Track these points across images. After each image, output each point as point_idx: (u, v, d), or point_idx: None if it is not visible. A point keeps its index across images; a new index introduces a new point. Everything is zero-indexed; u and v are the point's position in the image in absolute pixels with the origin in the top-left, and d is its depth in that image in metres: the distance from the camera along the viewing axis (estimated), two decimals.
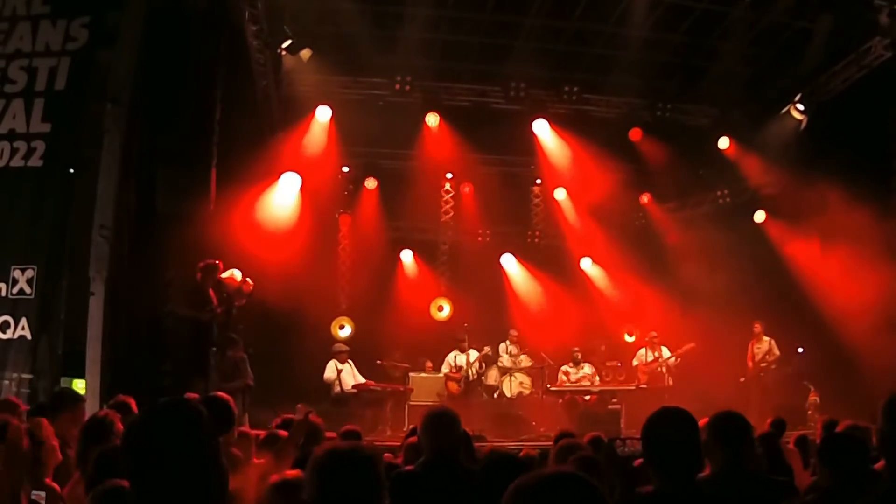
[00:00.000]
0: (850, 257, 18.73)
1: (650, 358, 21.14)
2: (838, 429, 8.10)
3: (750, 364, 20.44)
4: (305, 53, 19.07)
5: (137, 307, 14.14)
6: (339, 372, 19.35)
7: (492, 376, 21.32)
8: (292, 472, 5.06)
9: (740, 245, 21.72)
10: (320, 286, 21.54)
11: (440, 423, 6.27)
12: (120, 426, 6.69)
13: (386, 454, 8.71)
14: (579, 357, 21.08)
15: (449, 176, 24.14)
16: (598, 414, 19.06)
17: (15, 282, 12.74)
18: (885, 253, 17.88)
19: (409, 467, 6.64)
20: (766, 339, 20.52)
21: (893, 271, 17.78)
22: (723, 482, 5.33)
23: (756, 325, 20.59)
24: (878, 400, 5.13)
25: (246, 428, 11.11)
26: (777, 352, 20.35)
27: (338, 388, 19.26)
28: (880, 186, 17.98)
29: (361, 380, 19.40)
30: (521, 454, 8.32)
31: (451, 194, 24.69)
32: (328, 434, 8.89)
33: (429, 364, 21.29)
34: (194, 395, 9.08)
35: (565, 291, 23.85)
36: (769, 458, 8.22)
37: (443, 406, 6.85)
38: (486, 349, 21.01)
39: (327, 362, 19.63)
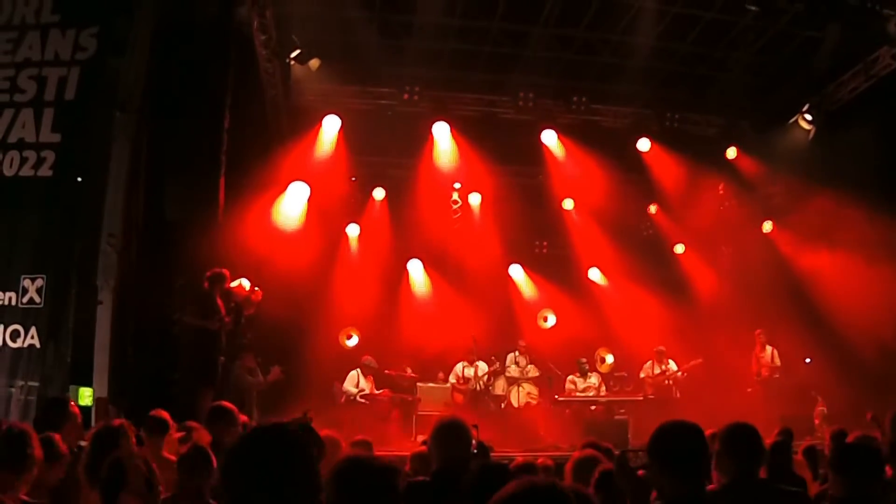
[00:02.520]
0: (858, 267, 18.73)
1: (657, 371, 21.09)
2: (849, 439, 8.09)
3: (765, 373, 20.40)
4: (314, 63, 19.09)
5: (145, 316, 14.18)
6: (358, 384, 19.34)
7: (499, 386, 21.28)
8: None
9: (748, 255, 21.70)
10: (328, 295, 21.53)
11: (451, 434, 6.26)
12: (132, 434, 6.70)
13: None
14: (586, 367, 21.09)
15: (457, 186, 24.04)
16: (605, 424, 19.04)
17: (25, 291, 12.78)
18: (893, 263, 17.89)
19: (420, 478, 6.63)
20: (768, 348, 20.50)
21: None
22: (735, 493, 5.32)
23: (758, 334, 20.57)
24: (887, 411, 5.15)
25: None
26: (779, 362, 20.34)
27: (344, 397, 19.26)
28: (889, 196, 17.94)
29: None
30: (539, 462, 8.30)
31: (459, 204, 24.61)
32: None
33: (440, 375, 21.24)
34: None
35: (573, 302, 23.80)
36: (781, 468, 8.21)
37: (454, 416, 6.81)
38: (496, 365, 20.97)
39: (349, 372, 19.68)
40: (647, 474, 5.06)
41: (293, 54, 18.80)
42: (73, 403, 8.11)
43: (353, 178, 23.18)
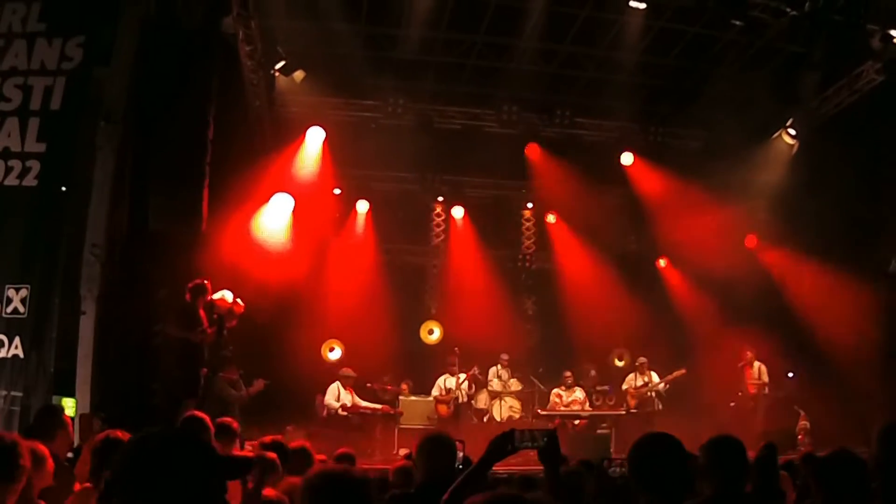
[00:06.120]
0: (840, 280, 18.81)
1: (639, 383, 21.10)
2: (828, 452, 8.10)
3: (752, 390, 20.42)
4: (298, 74, 19.13)
5: (128, 326, 14.13)
6: (339, 397, 19.27)
7: (482, 400, 21.29)
8: None
9: (731, 269, 21.74)
10: (311, 307, 21.51)
11: (436, 448, 6.26)
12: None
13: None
14: (570, 381, 21.09)
15: (440, 199, 24.10)
16: (587, 438, 19.08)
17: (9, 301, 12.71)
18: (874, 276, 18.00)
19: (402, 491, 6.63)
20: (756, 364, 20.54)
21: (882, 298, 17.88)
22: None
23: (748, 352, 20.60)
24: (872, 425, 5.15)
25: (236, 448, 11.08)
26: (766, 378, 20.39)
27: (326, 411, 19.22)
28: (872, 210, 18.02)
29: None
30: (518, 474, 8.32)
31: (442, 217, 24.66)
32: (319, 456, 8.89)
33: (403, 386, 21.16)
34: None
35: (555, 315, 23.82)
36: (766, 484, 8.21)
37: (439, 430, 6.84)
38: (475, 369, 20.94)
39: (329, 385, 19.54)
40: (628, 486, 5.07)
41: (278, 66, 18.85)
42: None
43: (337, 191, 23.19)
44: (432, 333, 23.58)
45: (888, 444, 5.13)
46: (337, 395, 19.22)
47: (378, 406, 19.61)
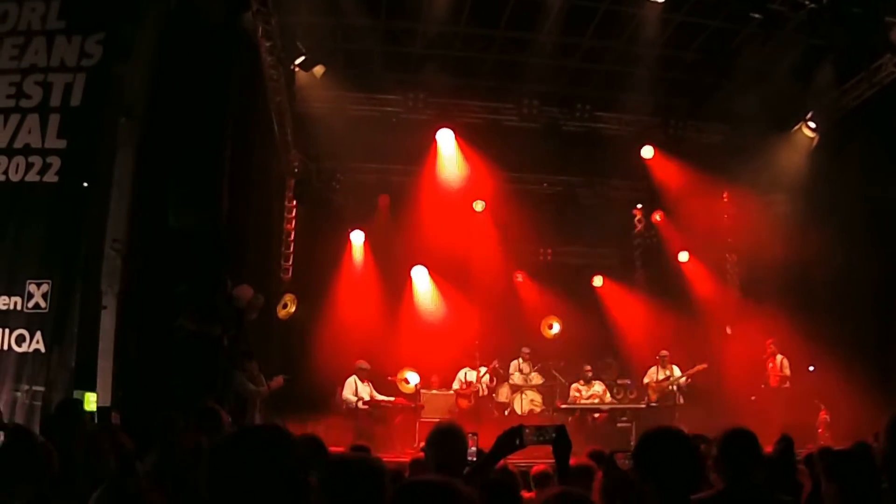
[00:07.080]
0: (863, 270, 18.79)
1: (661, 376, 21.04)
2: (849, 445, 8.09)
3: (774, 383, 20.36)
4: (319, 70, 19.14)
5: (149, 321, 14.20)
6: (357, 391, 19.28)
7: (503, 393, 21.28)
8: None
9: (752, 262, 21.70)
10: (332, 301, 21.53)
11: (446, 439, 6.23)
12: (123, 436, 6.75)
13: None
14: (590, 375, 21.07)
15: (461, 193, 24.05)
16: (608, 432, 19.06)
17: (31, 296, 12.78)
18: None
19: None
20: (778, 357, 20.47)
21: None
22: (729, 499, 5.34)
23: (771, 345, 20.53)
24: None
25: None
26: (788, 371, 20.31)
27: (345, 405, 19.22)
28: (891, 202, 17.95)
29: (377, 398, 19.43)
30: (533, 471, 8.33)
31: (463, 211, 24.61)
32: (337, 449, 8.92)
33: (433, 378, 21.16)
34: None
35: (577, 309, 23.77)
36: (783, 476, 8.20)
37: (451, 421, 6.80)
38: (495, 363, 20.91)
39: (346, 379, 19.56)
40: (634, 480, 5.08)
41: (298, 61, 18.86)
42: None
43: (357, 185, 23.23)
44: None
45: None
46: (354, 389, 19.22)
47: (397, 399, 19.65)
